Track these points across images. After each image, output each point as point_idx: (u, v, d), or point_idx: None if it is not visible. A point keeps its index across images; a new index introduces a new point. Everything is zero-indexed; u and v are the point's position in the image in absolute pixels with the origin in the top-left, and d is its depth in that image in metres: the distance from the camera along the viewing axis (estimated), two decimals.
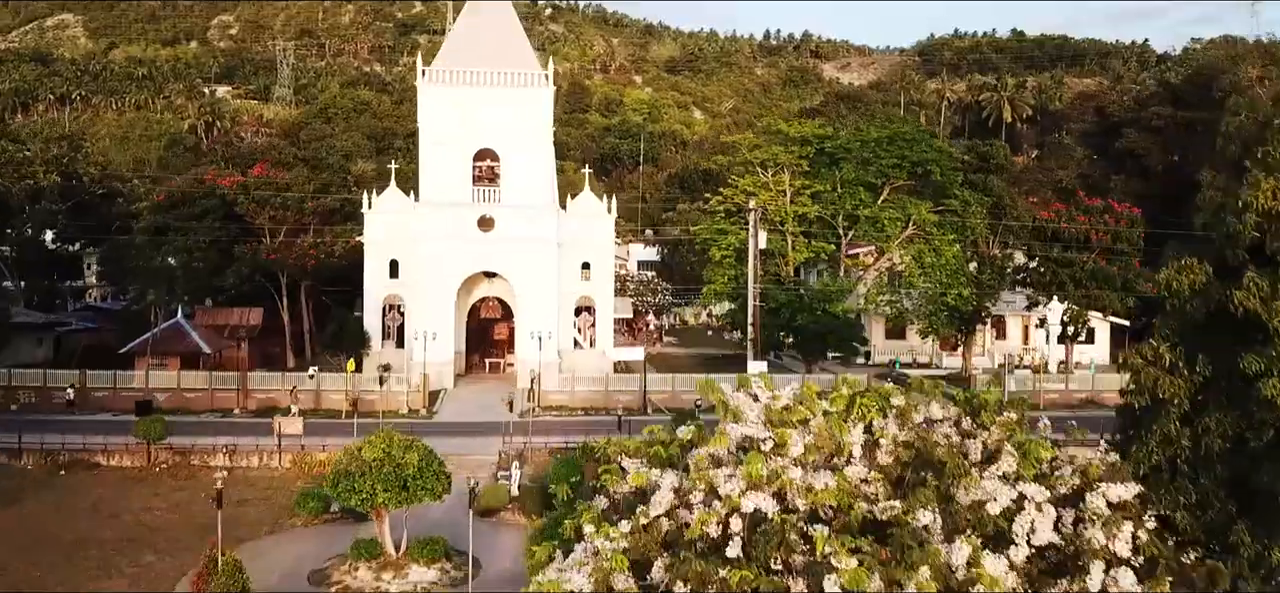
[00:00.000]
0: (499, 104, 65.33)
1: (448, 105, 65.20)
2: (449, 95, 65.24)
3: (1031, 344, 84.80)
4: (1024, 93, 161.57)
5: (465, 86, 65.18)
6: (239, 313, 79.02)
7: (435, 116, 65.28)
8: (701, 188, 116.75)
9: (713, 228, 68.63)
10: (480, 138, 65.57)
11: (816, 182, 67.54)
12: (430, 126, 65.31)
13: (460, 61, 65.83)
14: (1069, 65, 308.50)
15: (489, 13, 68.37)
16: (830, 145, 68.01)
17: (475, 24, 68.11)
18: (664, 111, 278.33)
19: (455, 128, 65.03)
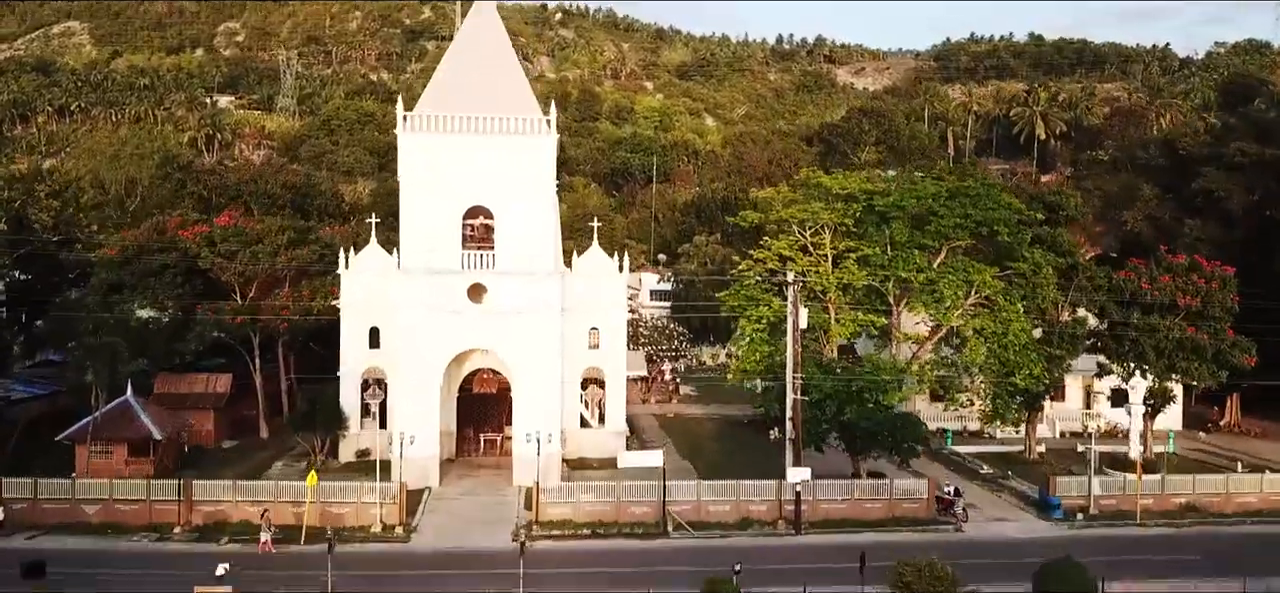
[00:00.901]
0: (493, 154, 54.83)
1: (433, 156, 54.73)
2: (434, 144, 54.73)
3: (1094, 408, 74.01)
4: (1057, 108, 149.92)
5: (453, 134, 54.66)
6: (205, 379, 68.89)
7: (418, 169, 54.82)
8: (719, 217, 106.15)
9: (741, 295, 57.84)
10: (471, 193, 55.07)
11: (864, 244, 56.82)
12: (412, 180, 54.83)
13: (448, 104, 55.33)
14: (1088, 69, 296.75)
15: (482, 47, 57.86)
16: (880, 203, 57.20)
17: (465, 60, 57.57)
18: (675, 119, 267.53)
19: (441, 182, 54.56)
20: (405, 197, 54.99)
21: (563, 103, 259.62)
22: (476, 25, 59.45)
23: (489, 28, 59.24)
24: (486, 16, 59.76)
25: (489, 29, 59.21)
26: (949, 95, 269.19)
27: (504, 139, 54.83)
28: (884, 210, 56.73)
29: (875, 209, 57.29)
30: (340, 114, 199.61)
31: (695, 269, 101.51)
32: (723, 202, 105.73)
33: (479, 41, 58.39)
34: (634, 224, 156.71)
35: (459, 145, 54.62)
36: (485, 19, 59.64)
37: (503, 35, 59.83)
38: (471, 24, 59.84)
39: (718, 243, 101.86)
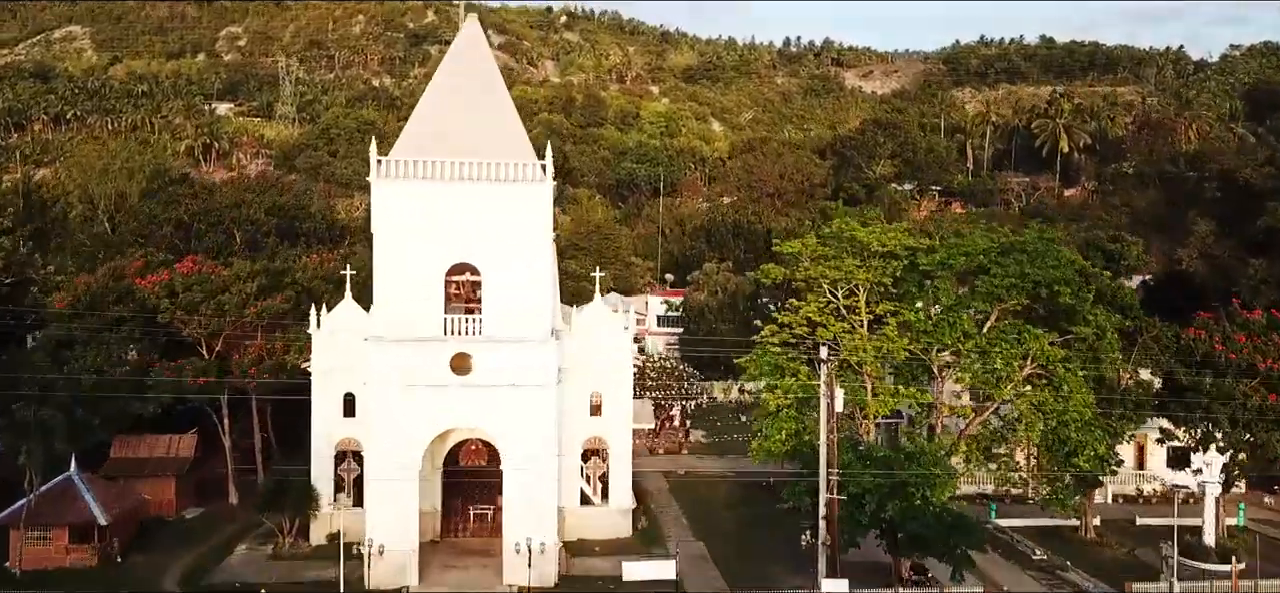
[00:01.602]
0: (480, 204, 47.12)
1: (411, 206, 47.00)
2: (413, 193, 46.99)
3: (1148, 469, 66.19)
4: (1080, 121, 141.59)
5: (435, 181, 46.94)
6: (167, 441, 61.41)
7: (394, 221, 47.09)
8: (730, 243, 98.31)
9: (764, 362, 49.86)
10: (455, 249, 47.36)
11: (904, 306, 48.96)
12: (388, 234, 47.07)
13: (429, 147, 47.61)
14: (1101, 73, 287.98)
15: (468, 79, 50.10)
16: (924, 261, 49.25)
17: (450, 94, 49.80)
18: (682, 124, 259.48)
19: (422, 236, 46.86)
20: (380, 252, 47.29)
21: (567, 108, 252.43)
22: (463, 53, 51.63)
23: (477, 56, 51.44)
24: (474, 43, 51.99)
25: (477, 58, 51.41)
26: (965, 104, 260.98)
27: (493, 188, 47.13)
28: (929, 268, 48.85)
29: (918, 267, 49.41)
30: (339, 123, 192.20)
31: (705, 298, 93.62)
32: (734, 226, 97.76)
33: (465, 72, 50.57)
34: (640, 240, 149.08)
35: (441, 194, 46.91)
36: (472, 46, 51.86)
37: (492, 65, 51.99)
38: (458, 52, 52.03)
39: (729, 270, 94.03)
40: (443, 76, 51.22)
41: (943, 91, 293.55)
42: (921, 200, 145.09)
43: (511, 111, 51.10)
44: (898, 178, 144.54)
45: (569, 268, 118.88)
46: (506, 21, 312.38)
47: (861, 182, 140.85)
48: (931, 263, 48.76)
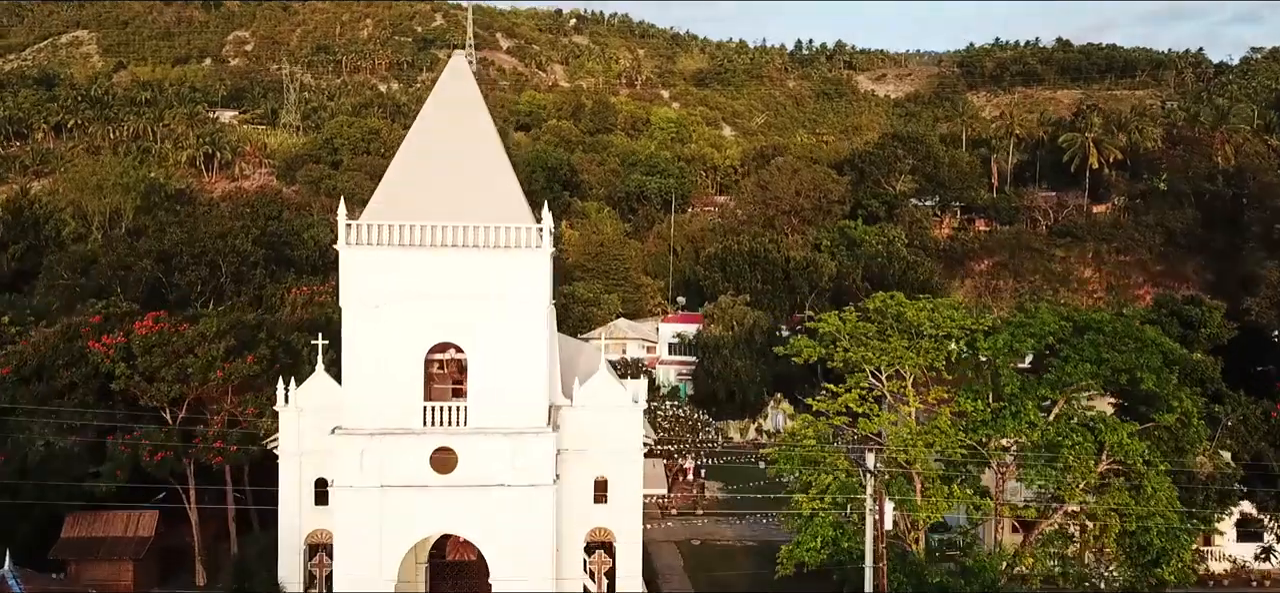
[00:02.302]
0: (467, 273, 39.92)
1: (387, 278, 39.81)
2: (389, 262, 39.81)
3: (1215, 545, 58.61)
4: (1111, 134, 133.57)
5: (415, 249, 39.77)
6: (124, 518, 54.25)
7: (367, 295, 39.88)
8: (747, 274, 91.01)
9: (798, 459, 42.14)
10: (438, 327, 40.13)
11: (960, 394, 41.56)
12: (360, 310, 39.86)
13: (408, 206, 40.42)
14: (1119, 77, 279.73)
15: (454, 126, 42.88)
16: (985, 345, 41.71)
17: (432, 147, 42.56)
18: (692, 130, 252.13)
19: (399, 312, 39.69)
20: (350, 330, 40.10)
21: (576, 114, 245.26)
22: (448, 94, 44.35)
23: (464, 97, 44.16)
24: (460, 80, 44.70)
25: (464, 99, 44.13)
26: (981, 108, 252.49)
27: (483, 255, 39.93)
28: (990, 352, 41.41)
29: (977, 349, 41.98)
30: (343, 132, 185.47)
31: (720, 332, 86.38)
32: (751, 254, 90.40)
33: (451, 116, 43.33)
34: (650, 257, 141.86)
35: (422, 263, 39.74)
36: (459, 84, 44.58)
37: (481, 108, 44.58)
38: (442, 93, 44.72)
39: (747, 302, 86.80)
40: (424, 122, 43.95)
41: (957, 95, 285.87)
42: (943, 217, 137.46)
43: (504, 163, 43.80)
44: (918, 193, 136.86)
45: (577, 292, 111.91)
46: (515, 25, 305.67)
47: (881, 197, 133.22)
48: (992, 347, 41.30)
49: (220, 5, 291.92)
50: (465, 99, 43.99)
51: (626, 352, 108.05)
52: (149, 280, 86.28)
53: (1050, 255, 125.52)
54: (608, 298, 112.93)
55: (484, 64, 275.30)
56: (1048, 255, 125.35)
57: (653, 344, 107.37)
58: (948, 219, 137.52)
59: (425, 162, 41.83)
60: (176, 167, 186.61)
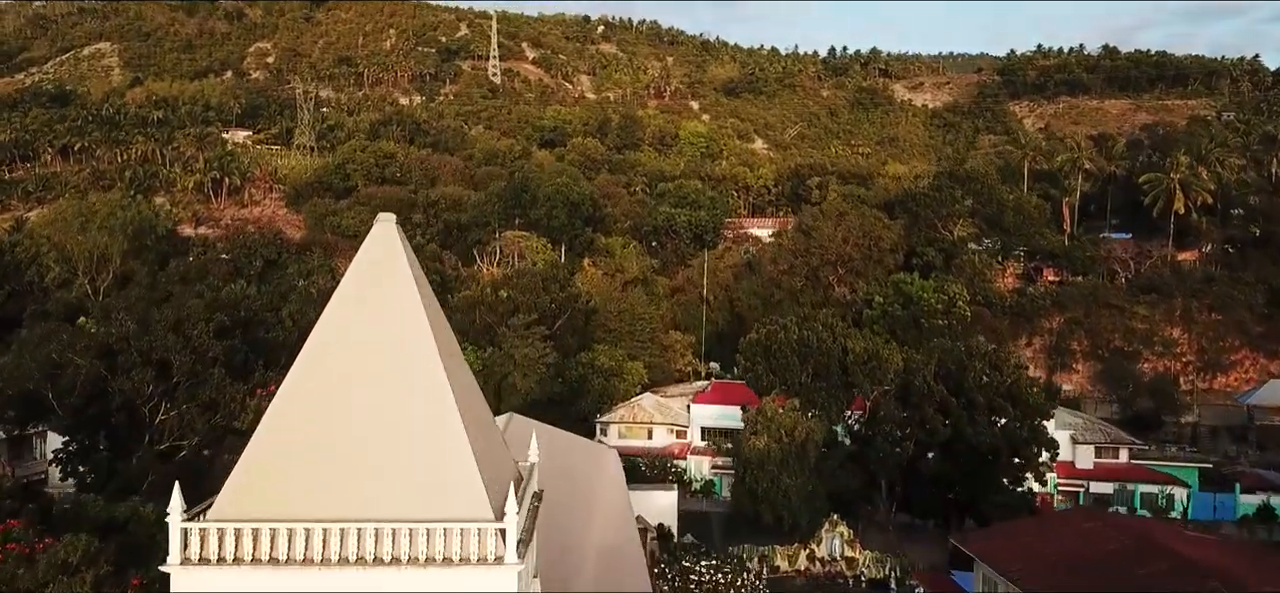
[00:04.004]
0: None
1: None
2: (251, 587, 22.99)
3: None
4: (1200, 175, 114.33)
5: (292, 568, 22.90)
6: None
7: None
8: (794, 366, 73.70)
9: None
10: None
11: None
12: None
13: (279, 496, 23.45)
14: (1169, 86, 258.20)
15: (373, 345, 25.77)
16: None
17: (331, 380, 25.48)
18: (723, 144, 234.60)
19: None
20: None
21: (602, 130, 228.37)
22: (368, 283, 27.05)
23: (394, 288, 26.81)
24: (389, 252, 27.31)
25: (395, 285, 26.82)
26: (1027, 122, 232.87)
27: (409, 575, 22.99)
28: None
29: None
30: (356, 158, 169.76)
31: (765, 445, 69.18)
32: (800, 343, 73.13)
33: (370, 322, 26.15)
34: (680, 307, 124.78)
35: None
36: (390, 259, 27.22)
37: (419, 311, 27.01)
38: (359, 280, 27.31)
39: (795, 408, 69.49)
40: (326, 331, 26.54)
41: (998, 105, 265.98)
42: (1005, 264, 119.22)
43: (447, 398, 26.27)
44: (977, 238, 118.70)
45: (597, 359, 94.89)
46: (541, 34, 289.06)
47: (937, 244, 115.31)
48: None
49: (242, 17, 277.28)
50: (395, 284, 26.82)
51: (652, 437, 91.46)
52: (88, 380, 70.07)
53: (1131, 313, 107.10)
54: (631, 366, 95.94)
55: (509, 75, 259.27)
56: (1129, 313, 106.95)
57: (682, 429, 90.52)
58: (1010, 266, 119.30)
59: (320, 406, 24.80)
60: (184, 193, 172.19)
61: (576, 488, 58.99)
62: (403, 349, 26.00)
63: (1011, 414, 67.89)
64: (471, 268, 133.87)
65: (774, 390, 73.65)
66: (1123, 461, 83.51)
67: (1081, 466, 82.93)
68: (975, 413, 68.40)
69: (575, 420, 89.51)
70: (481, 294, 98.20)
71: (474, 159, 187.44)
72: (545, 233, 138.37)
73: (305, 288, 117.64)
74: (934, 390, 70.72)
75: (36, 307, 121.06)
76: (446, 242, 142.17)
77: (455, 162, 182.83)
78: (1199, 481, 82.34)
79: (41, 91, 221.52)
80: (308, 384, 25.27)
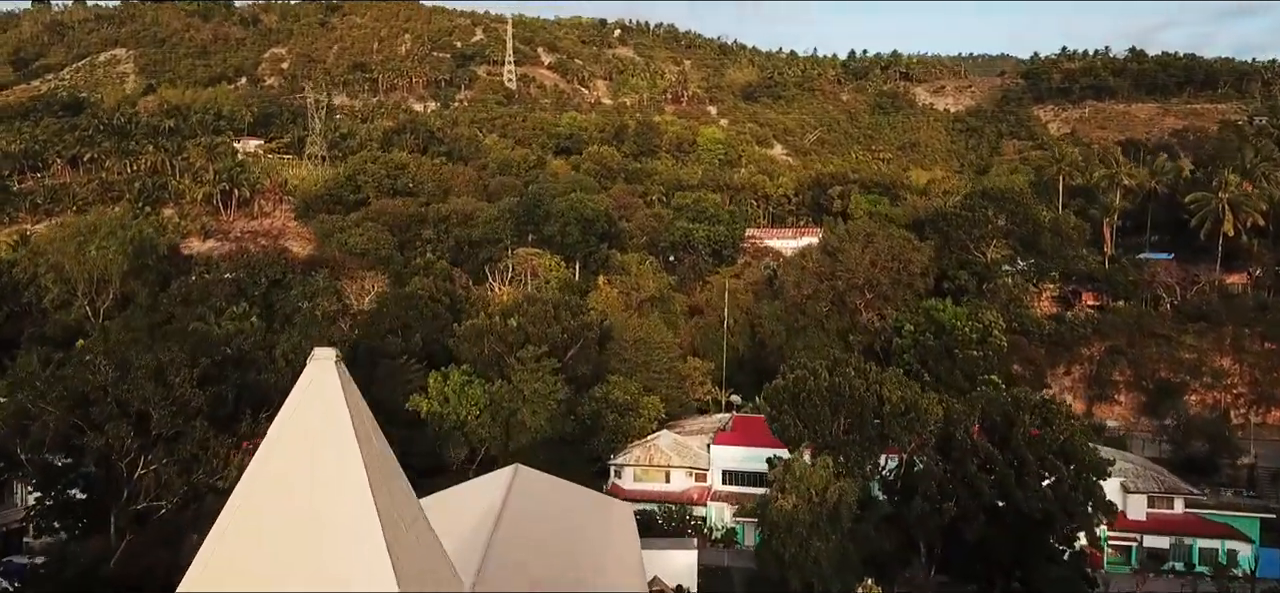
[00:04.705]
0: None
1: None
2: None
3: None
4: (1247, 193, 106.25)
5: None
6: None
7: None
8: (826, 417, 66.78)
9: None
10: None
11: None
12: None
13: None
14: (1198, 89, 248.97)
15: (305, 502, 19.26)
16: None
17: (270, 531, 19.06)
18: (742, 149, 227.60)
19: None
20: None
21: (619, 136, 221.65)
22: (300, 429, 20.62)
23: (329, 430, 20.36)
24: (329, 397, 20.80)
25: (330, 431, 20.35)
26: (1052, 126, 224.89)
27: None
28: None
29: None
30: (367, 170, 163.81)
31: (793, 506, 62.40)
32: (831, 391, 66.31)
33: (303, 480, 19.74)
34: (698, 331, 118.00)
35: None
36: (326, 401, 20.71)
37: (356, 460, 20.61)
38: (296, 422, 20.92)
39: (827, 467, 62.61)
40: (254, 479, 20.18)
41: (1022, 109, 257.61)
42: (1040, 286, 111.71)
43: (381, 562, 19.69)
44: (1011, 259, 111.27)
45: (610, 393, 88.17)
46: (557, 39, 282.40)
47: (969, 266, 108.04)
48: None
49: (257, 22, 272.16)
50: (330, 429, 20.31)
51: (670, 480, 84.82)
52: (60, 433, 64.26)
53: (1178, 341, 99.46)
54: (647, 401, 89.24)
55: (524, 81, 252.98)
56: (1175, 341, 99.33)
57: (702, 472, 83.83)
58: (1046, 289, 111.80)
59: (245, 562, 18.38)
60: (193, 204, 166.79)
61: (585, 548, 52.47)
62: (335, 503, 20.06)
63: (1065, 474, 60.82)
64: (483, 287, 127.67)
65: (803, 443, 66.89)
66: (1178, 511, 76.17)
67: (1133, 516, 75.66)
68: (1024, 472, 61.45)
69: (587, 460, 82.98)
70: (490, 323, 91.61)
71: (488, 169, 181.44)
72: (559, 250, 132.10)
73: (309, 310, 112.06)
74: (978, 446, 63.80)
75: (35, 329, 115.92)
76: (457, 259, 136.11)
77: (469, 172, 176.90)
78: (1260, 532, 74.88)
79: (55, 99, 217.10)
80: (235, 536, 19.45)
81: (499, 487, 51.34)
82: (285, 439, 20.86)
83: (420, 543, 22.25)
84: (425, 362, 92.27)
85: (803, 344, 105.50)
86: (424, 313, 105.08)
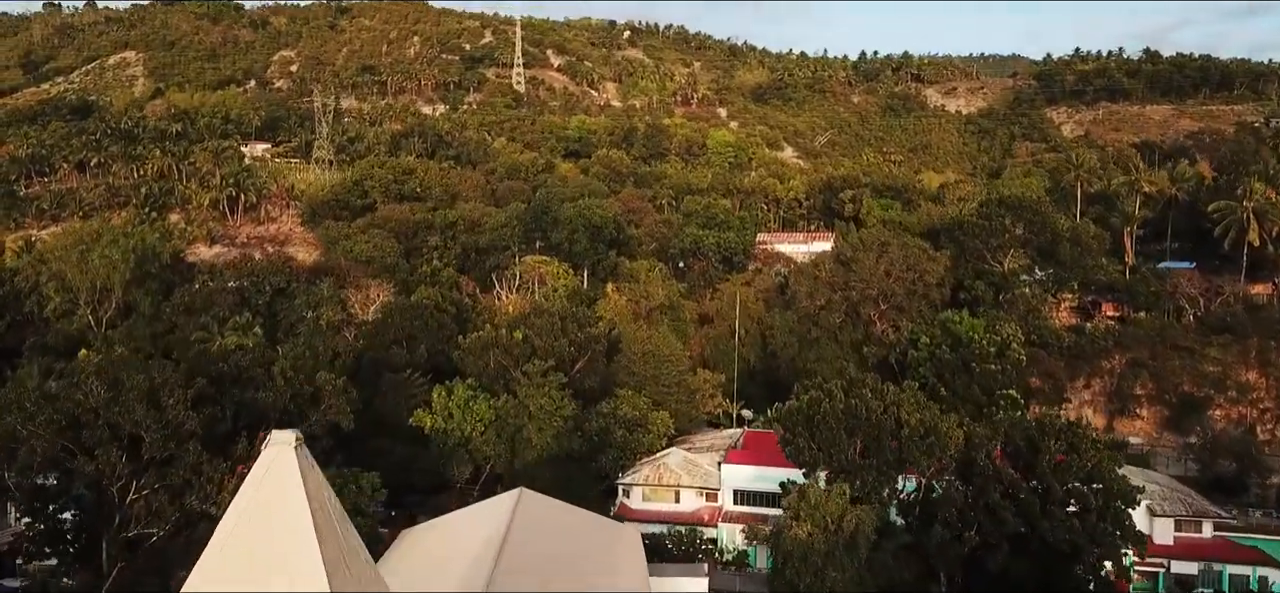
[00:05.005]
0: None
1: None
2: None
3: None
4: (1274, 202, 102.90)
5: None
6: None
7: None
8: (842, 440, 63.88)
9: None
10: None
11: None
12: None
13: None
14: (1214, 90, 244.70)
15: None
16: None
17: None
18: (752, 152, 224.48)
19: None
20: None
21: (628, 139, 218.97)
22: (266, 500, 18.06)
23: (285, 511, 17.74)
24: (285, 481, 18.16)
25: (289, 514, 17.74)
26: (1065, 129, 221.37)
27: None
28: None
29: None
30: (374, 175, 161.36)
31: (808, 533, 59.65)
32: (846, 414, 63.35)
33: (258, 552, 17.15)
34: (708, 342, 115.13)
35: None
36: (283, 483, 18.07)
37: (312, 548, 18.04)
38: (256, 498, 18.34)
39: (845, 493, 59.78)
40: (210, 564, 17.65)
41: (1035, 110, 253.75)
42: (1060, 297, 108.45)
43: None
44: (1029, 268, 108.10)
45: (619, 409, 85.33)
46: (566, 40, 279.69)
47: (986, 277, 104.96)
48: None
49: (266, 25, 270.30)
50: (287, 515, 17.72)
51: (680, 500, 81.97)
52: (49, 457, 61.76)
53: (1202, 354, 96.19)
54: (656, 416, 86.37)
55: (533, 83, 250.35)
56: (1199, 354, 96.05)
57: (713, 492, 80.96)
58: (1064, 299, 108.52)
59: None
60: (199, 210, 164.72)
61: (592, 576, 49.93)
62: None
63: (1093, 503, 57.86)
64: (490, 295, 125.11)
65: (818, 467, 64.04)
66: (1207, 535, 73.00)
67: (1160, 540, 72.38)
68: (1050, 501, 58.55)
69: (595, 478, 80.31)
70: (496, 335, 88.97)
71: (496, 173, 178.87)
72: (567, 257, 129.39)
73: (314, 320, 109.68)
74: (1001, 472, 60.86)
75: (37, 338, 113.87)
76: (464, 266, 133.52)
77: (477, 176, 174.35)
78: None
79: (63, 103, 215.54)
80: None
81: (503, 513, 49.04)
82: (241, 532, 18.36)
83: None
84: (430, 375, 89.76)
85: (815, 357, 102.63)
86: (429, 323, 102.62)
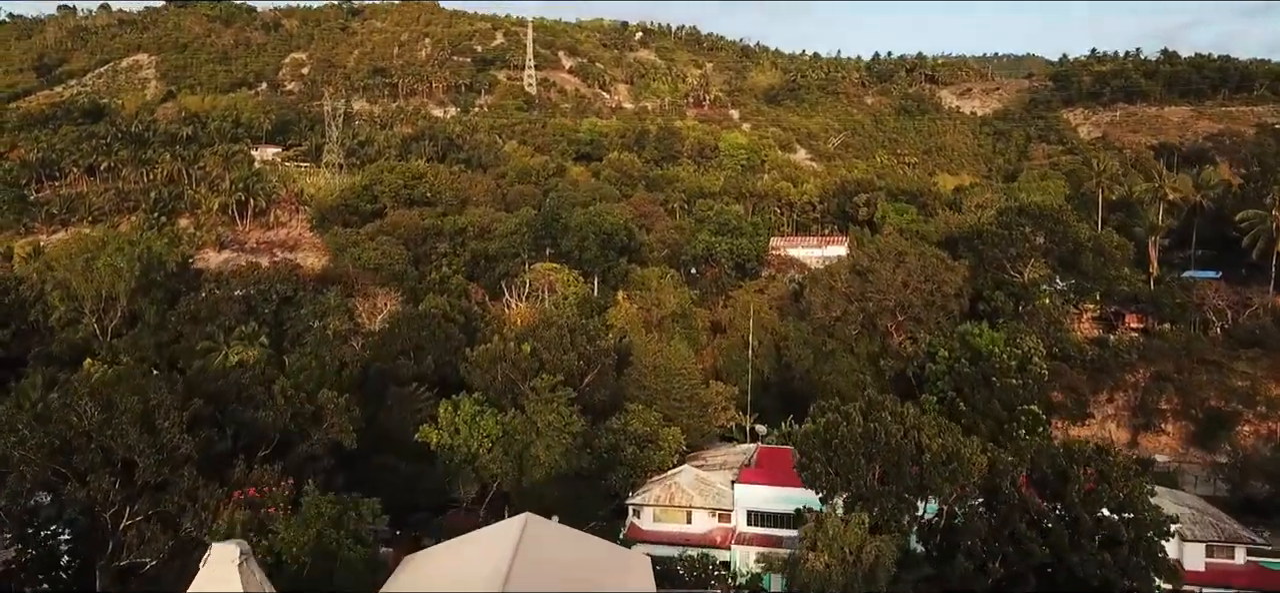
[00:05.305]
0: None
1: None
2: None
3: None
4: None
5: None
6: None
7: None
8: (860, 466, 61.01)
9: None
10: None
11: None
12: None
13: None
14: (1233, 91, 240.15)
15: None
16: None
17: None
18: (765, 154, 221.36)
19: None
20: None
21: (639, 142, 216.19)
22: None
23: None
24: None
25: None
26: (1082, 130, 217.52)
27: None
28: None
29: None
30: (384, 180, 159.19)
31: (826, 564, 56.81)
32: (865, 437, 60.49)
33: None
34: (721, 352, 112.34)
35: None
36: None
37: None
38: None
39: (864, 522, 56.90)
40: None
41: (1051, 112, 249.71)
42: (1082, 308, 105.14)
43: None
44: (1051, 278, 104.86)
45: (629, 424, 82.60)
46: (578, 42, 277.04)
47: (1006, 287, 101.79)
48: None
49: (278, 27, 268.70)
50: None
51: (692, 520, 79.10)
52: (40, 482, 59.50)
53: (1229, 368, 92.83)
54: (668, 432, 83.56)
55: (545, 85, 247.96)
56: (1227, 368, 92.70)
57: (726, 512, 78.13)
58: (1086, 311, 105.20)
59: None
60: (209, 214, 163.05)
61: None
62: None
63: (1125, 536, 54.87)
64: (499, 303, 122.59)
65: (836, 492, 61.20)
66: (1239, 562, 69.69)
67: (1190, 566, 69.06)
68: (1079, 533, 55.57)
69: (605, 497, 77.69)
70: (504, 348, 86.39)
71: (506, 177, 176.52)
72: (577, 264, 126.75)
73: (320, 330, 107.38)
74: (1027, 501, 57.92)
75: (41, 347, 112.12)
76: (473, 273, 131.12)
77: (487, 180, 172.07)
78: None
79: (75, 106, 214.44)
80: None
81: (508, 540, 46.64)
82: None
83: None
84: (437, 387, 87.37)
85: (831, 369, 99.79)
86: (437, 334, 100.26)
